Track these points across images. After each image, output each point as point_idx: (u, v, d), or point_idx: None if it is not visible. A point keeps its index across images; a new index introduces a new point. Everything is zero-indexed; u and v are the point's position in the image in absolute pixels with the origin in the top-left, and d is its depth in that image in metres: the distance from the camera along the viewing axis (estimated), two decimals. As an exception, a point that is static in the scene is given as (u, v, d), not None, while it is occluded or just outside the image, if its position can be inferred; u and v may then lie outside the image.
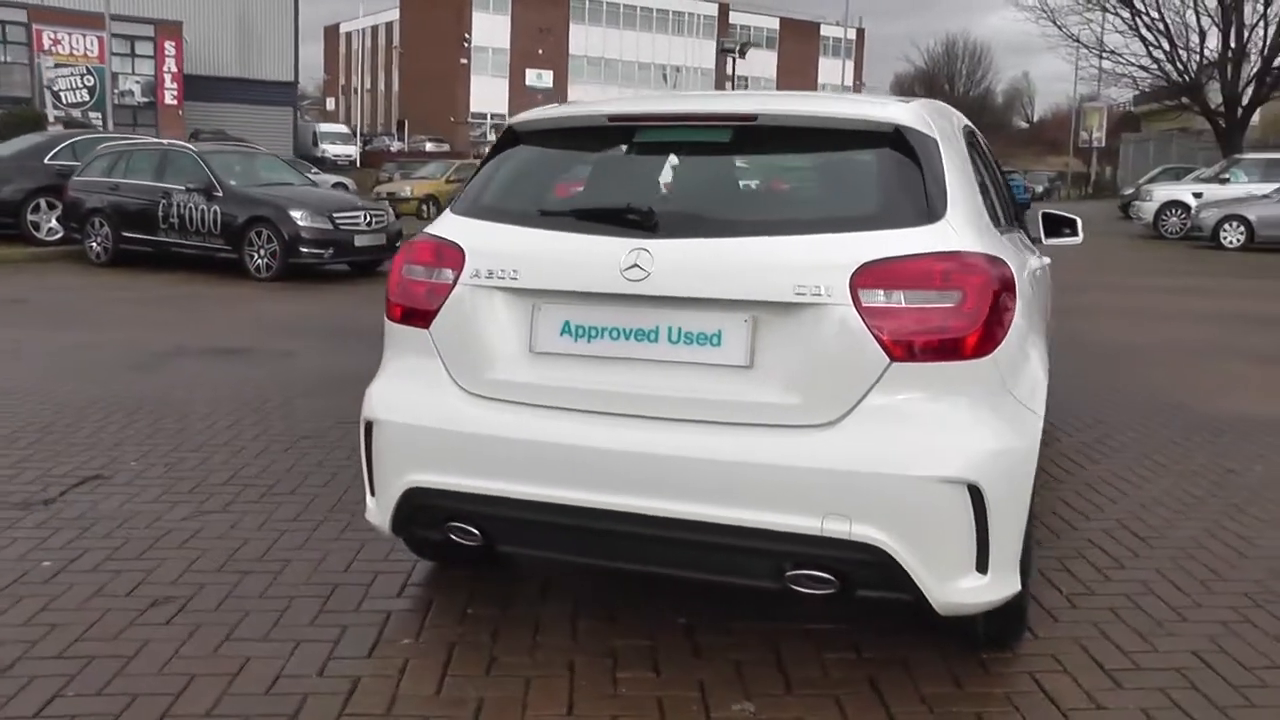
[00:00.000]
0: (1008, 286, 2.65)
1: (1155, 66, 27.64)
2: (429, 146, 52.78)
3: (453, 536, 2.94)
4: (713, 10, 73.99)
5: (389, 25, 73.63)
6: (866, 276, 2.57)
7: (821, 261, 2.61)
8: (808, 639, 3.08)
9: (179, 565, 3.59)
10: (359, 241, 12.34)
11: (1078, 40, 29.98)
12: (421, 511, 2.94)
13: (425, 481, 2.87)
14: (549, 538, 2.86)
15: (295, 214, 11.80)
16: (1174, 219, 21.89)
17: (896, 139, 2.79)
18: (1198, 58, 26.98)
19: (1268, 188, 19.99)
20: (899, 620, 3.09)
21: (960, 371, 2.56)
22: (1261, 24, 25.55)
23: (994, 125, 73.07)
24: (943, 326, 2.55)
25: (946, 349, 2.55)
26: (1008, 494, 2.58)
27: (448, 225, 3.04)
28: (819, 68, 79.25)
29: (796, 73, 76.03)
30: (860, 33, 78.26)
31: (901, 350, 2.55)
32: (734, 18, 74.93)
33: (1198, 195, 21.53)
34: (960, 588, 2.56)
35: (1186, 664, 2.96)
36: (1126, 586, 3.49)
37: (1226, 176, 21.57)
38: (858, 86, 74.87)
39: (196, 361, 7.21)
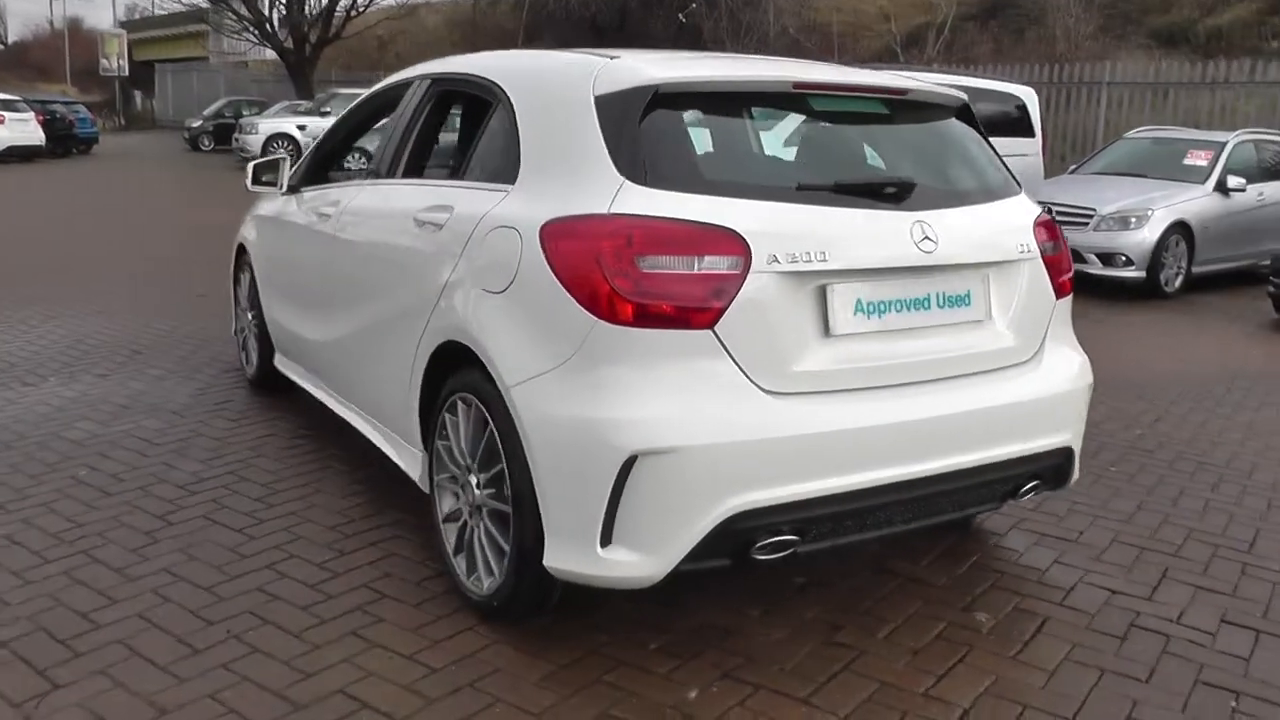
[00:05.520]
0: None
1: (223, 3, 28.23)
2: None
3: (757, 556, 2.60)
4: None
5: None
6: (1039, 232, 3.09)
7: (1023, 222, 3.06)
8: (866, 565, 3.43)
9: None
10: None
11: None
12: (731, 538, 2.53)
13: (751, 503, 2.51)
14: (852, 522, 2.74)
15: None
16: (281, 150, 22.94)
17: (966, 112, 3.27)
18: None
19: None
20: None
21: (1066, 304, 3.27)
22: None
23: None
24: (1066, 271, 3.22)
25: (1068, 288, 3.23)
26: None
27: (690, 205, 2.54)
28: None
29: None
30: None
31: (1057, 291, 3.15)
32: None
33: (302, 127, 22.96)
34: (1077, 467, 3.34)
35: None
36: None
37: (327, 110, 23.27)
38: None
39: None
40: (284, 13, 28.53)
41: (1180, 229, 9.12)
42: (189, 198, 16.07)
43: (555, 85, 2.97)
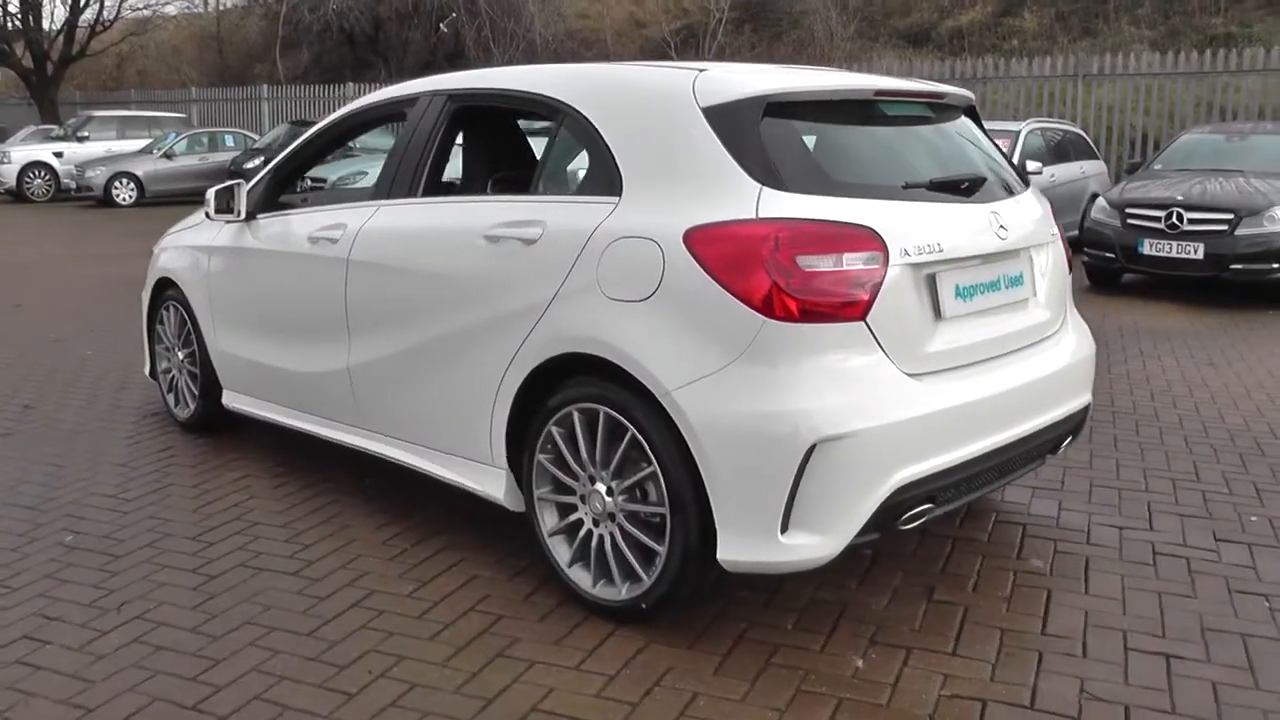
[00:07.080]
0: None
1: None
2: None
3: (903, 525, 2.83)
4: None
5: None
6: (1055, 218, 3.50)
7: (1046, 209, 3.47)
8: (913, 531, 3.75)
9: None
10: None
11: None
12: (889, 511, 2.74)
13: (909, 476, 2.74)
14: (966, 485, 3.00)
15: None
16: (40, 181, 20.99)
17: (973, 111, 3.64)
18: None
19: (133, 145, 20.91)
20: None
21: (1070, 280, 3.69)
22: None
23: None
24: (1067, 250, 3.65)
25: (1071, 265, 3.66)
26: None
27: (828, 207, 2.75)
28: None
29: None
30: None
31: (1068, 268, 3.57)
32: None
33: (59, 155, 21.09)
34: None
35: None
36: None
37: (85, 135, 21.46)
38: None
39: None
40: (19, 26, 25.99)
41: (995, 208, 10.12)
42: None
43: (646, 100, 3.06)
